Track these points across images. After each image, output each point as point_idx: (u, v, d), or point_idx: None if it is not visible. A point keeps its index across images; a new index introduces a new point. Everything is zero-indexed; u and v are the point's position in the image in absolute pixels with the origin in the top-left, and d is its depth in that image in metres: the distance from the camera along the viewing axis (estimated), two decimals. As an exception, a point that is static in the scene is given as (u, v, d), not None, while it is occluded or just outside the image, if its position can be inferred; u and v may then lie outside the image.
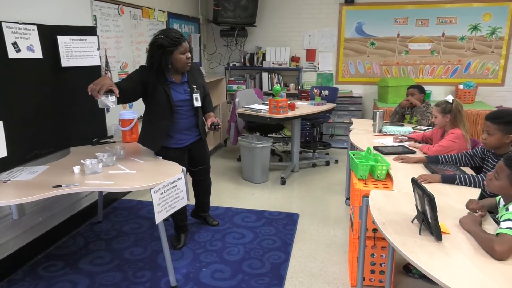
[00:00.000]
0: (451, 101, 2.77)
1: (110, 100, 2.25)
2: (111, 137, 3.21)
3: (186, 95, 2.70)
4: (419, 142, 3.09)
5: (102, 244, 3.03)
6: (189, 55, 2.58)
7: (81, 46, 2.96)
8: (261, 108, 4.34)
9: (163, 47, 2.50)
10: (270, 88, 5.83)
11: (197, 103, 2.72)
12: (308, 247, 2.99)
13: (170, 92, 2.63)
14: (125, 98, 2.52)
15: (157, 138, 2.71)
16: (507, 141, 2.20)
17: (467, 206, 1.82)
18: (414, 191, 1.73)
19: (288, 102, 4.26)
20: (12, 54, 2.45)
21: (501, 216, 1.61)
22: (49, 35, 2.75)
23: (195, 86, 2.72)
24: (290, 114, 4.24)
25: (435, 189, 2.09)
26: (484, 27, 5.27)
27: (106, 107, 2.21)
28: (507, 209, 1.60)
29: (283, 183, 4.32)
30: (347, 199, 3.81)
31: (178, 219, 2.95)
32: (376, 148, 2.89)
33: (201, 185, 3.16)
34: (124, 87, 2.47)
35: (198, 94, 2.73)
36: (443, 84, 5.56)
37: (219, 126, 2.80)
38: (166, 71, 2.60)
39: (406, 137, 3.19)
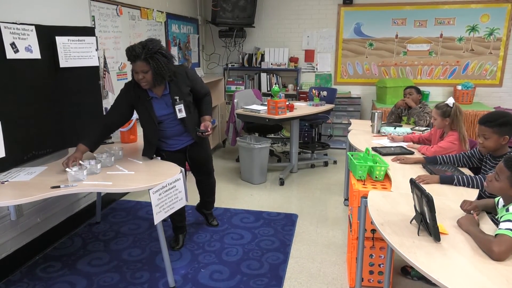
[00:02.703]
0: (451, 105, 2.78)
1: (82, 174, 2.27)
2: (110, 137, 3.20)
3: (169, 109, 2.64)
4: (418, 143, 3.10)
5: (100, 245, 3.02)
6: (140, 76, 2.43)
7: (80, 46, 2.95)
8: (259, 108, 4.34)
9: None
10: (268, 89, 5.83)
11: (181, 114, 2.63)
12: (306, 248, 2.99)
13: (152, 108, 2.60)
14: (118, 126, 2.71)
15: (149, 150, 2.73)
16: (504, 142, 2.21)
17: (461, 206, 1.83)
18: (412, 191, 1.73)
19: (287, 103, 4.26)
20: (10, 54, 2.44)
21: (501, 217, 1.61)
22: (47, 35, 2.75)
23: (177, 98, 2.61)
24: (289, 114, 4.24)
25: (434, 189, 2.09)
26: (482, 28, 5.29)
27: (78, 181, 2.24)
28: (507, 210, 1.60)
29: (282, 183, 4.32)
30: (345, 199, 3.81)
31: (176, 219, 2.95)
32: (374, 148, 2.89)
33: (204, 184, 3.16)
34: (113, 119, 2.63)
35: (182, 105, 2.62)
36: (441, 85, 5.57)
37: (207, 133, 2.72)
38: None
39: (401, 136, 3.20)
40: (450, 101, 2.80)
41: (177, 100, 2.61)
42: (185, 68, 2.77)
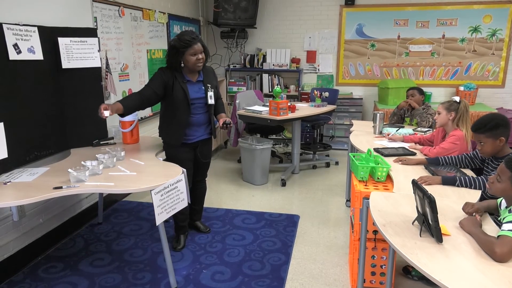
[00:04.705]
0: (458, 101, 2.78)
1: (84, 175, 2.29)
2: (112, 138, 3.21)
3: (201, 93, 2.83)
4: (419, 144, 3.09)
5: (102, 246, 3.03)
6: (199, 56, 2.71)
7: (82, 47, 2.96)
8: (261, 109, 4.34)
9: (176, 48, 2.68)
10: (270, 90, 5.83)
11: (211, 101, 2.86)
12: (308, 249, 2.99)
13: (187, 89, 2.76)
14: (149, 104, 2.81)
15: (178, 132, 2.83)
16: (501, 144, 2.21)
17: (463, 209, 1.83)
18: (414, 192, 1.73)
19: (289, 104, 4.26)
20: (13, 55, 2.45)
21: (503, 218, 1.60)
22: (49, 36, 2.76)
23: (209, 85, 2.87)
24: (291, 115, 4.24)
25: (436, 191, 2.09)
26: (484, 29, 5.28)
27: (80, 182, 2.26)
28: (510, 211, 1.59)
29: (284, 184, 4.32)
30: (347, 200, 3.80)
31: (179, 218, 2.95)
32: (376, 149, 2.89)
33: (196, 188, 3.10)
34: (147, 93, 2.73)
35: (212, 92, 2.87)
36: (444, 86, 5.56)
37: (231, 125, 2.91)
38: (182, 69, 2.77)
39: (401, 136, 3.20)
40: (457, 98, 2.81)
41: (209, 87, 2.86)
42: (212, 68, 3.08)
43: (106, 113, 2.47)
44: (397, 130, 3.42)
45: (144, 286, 2.52)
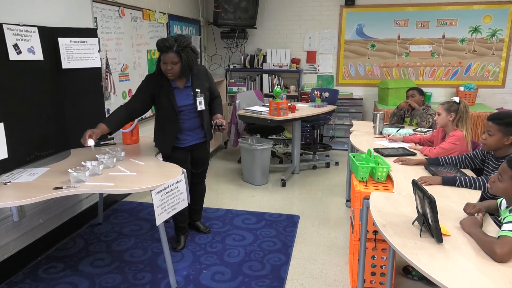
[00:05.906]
0: (458, 101, 2.78)
1: (84, 175, 2.28)
2: (112, 138, 3.20)
3: (190, 100, 2.75)
4: (419, 144, 3.09)
5: (102, 246, 3.03)
6: (169, 67, 2.56)
7: (82, 48, 2.96)
8: (261, 110, 4.34)
9: None
10: (270, 90, 5.83)
11: (201, 107, 2.76)
12: (308, 249, 2.99)
13: (174, 98, 2.69)
14: (140, 114, 2.77)
15: (167, 141, 2.79)
16: (507, 143, 2.20)
17: (465, 210, 1.82)
18: (414, 193, 1.73)
19: (289, 104, 4.26)
20: (13, 56, 2.45)
21: (503, 218, 1.60)
22: (50, 37, 2.76)
23: (198, 90, 2.75)
24: (291, 116, 4.24)
25: (436, 191, 2.09)
26: (484, 29, 5.28)
27: (80, 182, 2.26)
28: (510, 211, 1.59)
29: (284, 185, 4.32)
30: (347, 201, 3.80)
31: (179, 219, 2.95)
32: (376, 150, 2.89)
33: (196, 188, 3.10)
34: (134, 106, 2.70)
35: (202, 98, 2.76)
36: (444, 86, 5.56)
37: (223, 127, 2.86)
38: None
39: (401, 136, 3.20)
40: (457, 98, 2.81)
41: (199, 93, 2.75)
42: (205, 67, 2.98)
43: (90, 142, 2.41)
44: (397, 131, 3.42)
45: (144, 287, 2.52)
